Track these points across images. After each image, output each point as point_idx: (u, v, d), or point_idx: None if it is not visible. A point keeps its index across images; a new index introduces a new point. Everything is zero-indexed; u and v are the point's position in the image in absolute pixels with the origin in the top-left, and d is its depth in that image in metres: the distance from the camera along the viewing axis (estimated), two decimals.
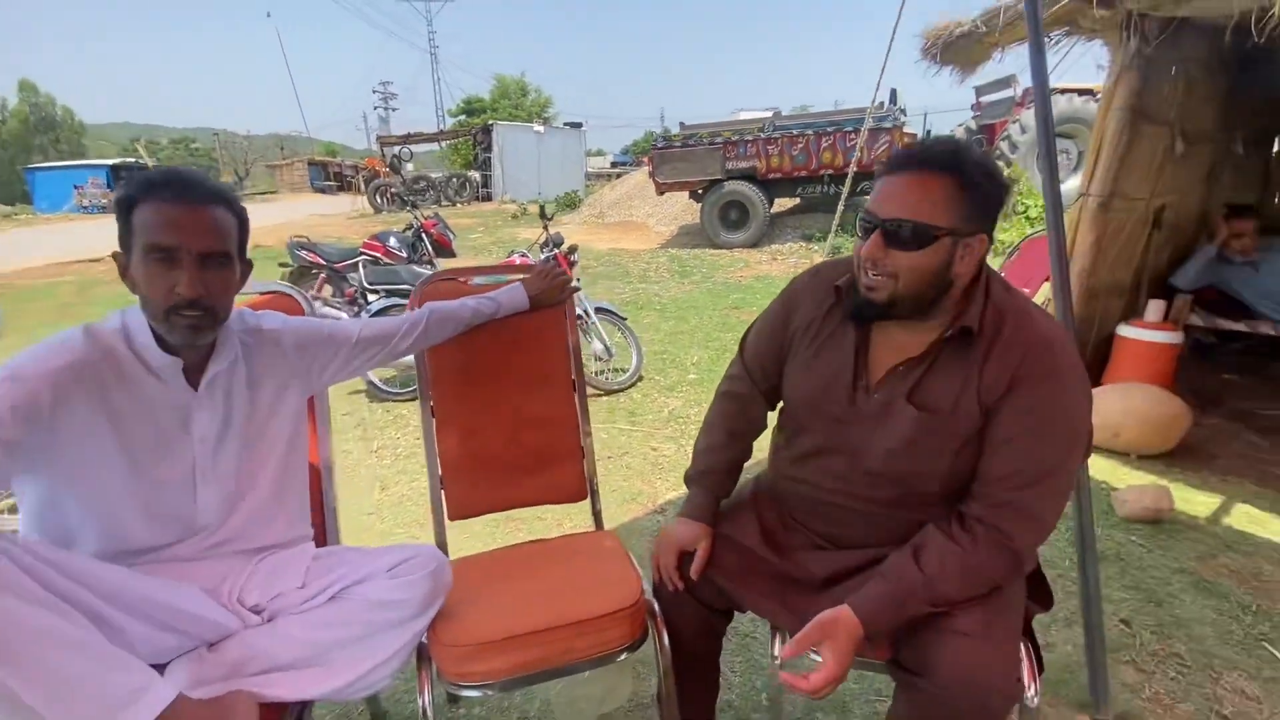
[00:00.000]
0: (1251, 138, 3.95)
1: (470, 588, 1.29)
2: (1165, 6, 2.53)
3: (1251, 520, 2.37)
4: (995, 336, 1.00)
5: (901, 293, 0.99)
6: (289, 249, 5.22)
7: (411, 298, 1.52)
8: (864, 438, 1.07)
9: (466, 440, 1.52)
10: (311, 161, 35.78)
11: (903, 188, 0.97)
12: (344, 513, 2.66)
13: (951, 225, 0.95)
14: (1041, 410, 0.97)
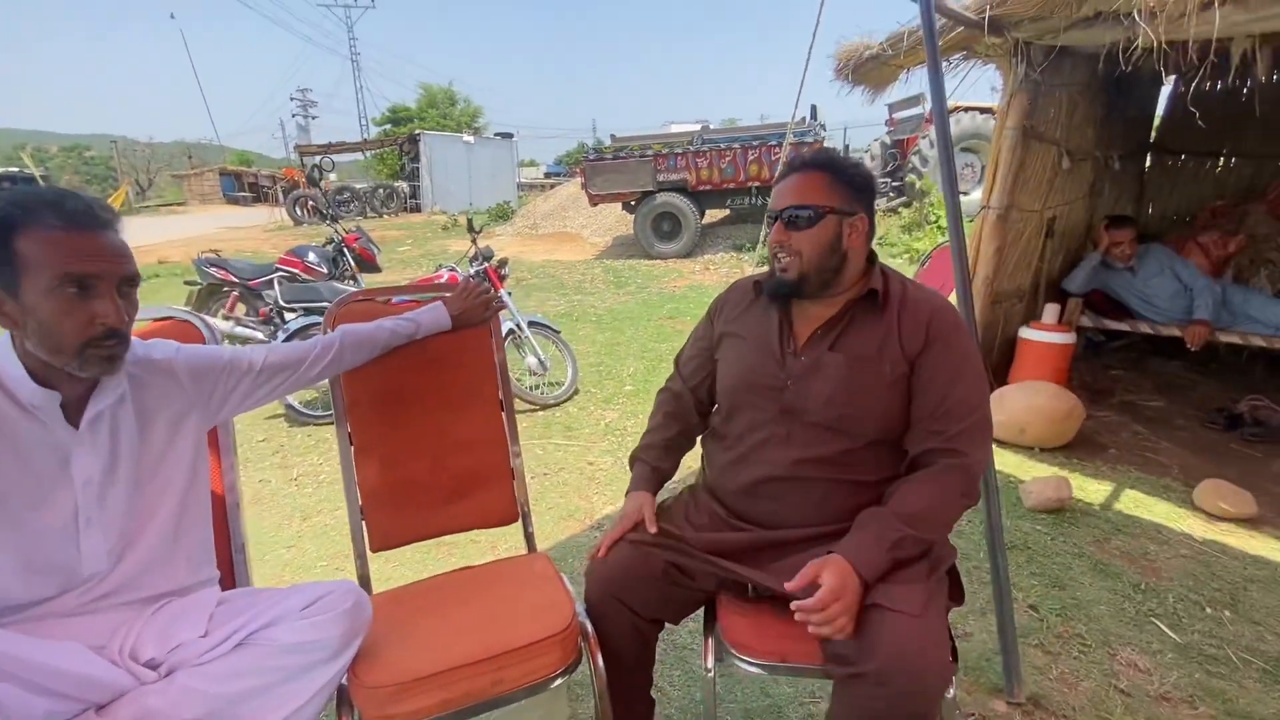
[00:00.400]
0: (1127, 154, 4.36)
1: (394, 623, 1.24)
2: (1047, 36, 2.76)
3: (1138, 504, 2.59)
4: (902, 299, 1.21)
5: (807, 268, 1.19)
6: (196, 265, 4.89)
7: (325, 320, 1.45)
8: (800, 395, 1.21)
9: (388, 467, 1.47)
10: (223, 171, 33.72)
11: (792, 184, 1.22)
12: (261, 547, 2.53)
13: (832, 205, 1.18)
14: (957, 358, 1.17)
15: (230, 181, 32.04)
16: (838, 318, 1.22)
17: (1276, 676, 1.71)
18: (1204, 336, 3.27)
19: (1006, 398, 3.13)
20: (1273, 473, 2.84)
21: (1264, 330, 3.31)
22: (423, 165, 19.56)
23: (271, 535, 2.64)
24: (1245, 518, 2.44)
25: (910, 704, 0.96)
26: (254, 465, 3.34)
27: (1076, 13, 2.51)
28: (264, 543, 2.58)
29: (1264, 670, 1.73)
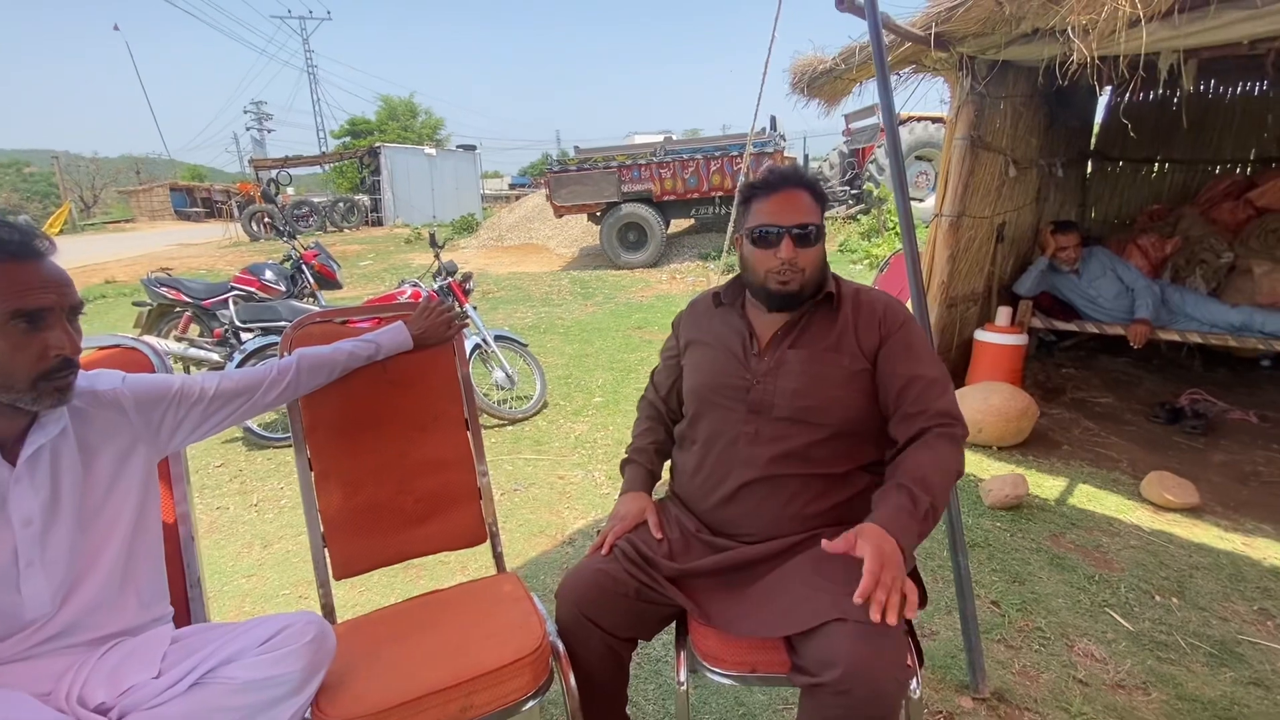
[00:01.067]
0: (1069, 161, 4.57)
1: (359, 652, 1.21)
2: (989, 51, 2.88)
3: (1090, 498, 2.69)
4: (855, 299, 1.31)
5: (808, 281, 1.26)
6: (146, 285, 4.72)
7: (282, 343, 1.42)
8: (767, 392, 1.26)
9: (350, 493, 1.44)
10: (174, 186, 32.66)
11: (792, 201, 1.26)
12: (220, 577, 2.45)
13: (821, 223, 1.28)
14: (914, 343, 1.26)
15: (182, 197, 31.05)
16: (795, 320, 1.30)
17: (1222, 659, 1.79)
18: (1145, 335, 3.43)
19: (964, 398, 3.22)
20: (1213, 463, 2.99)
21: (1200, 327, 3.49)
22: (384, 178, 19.29)
23: (231, 565, 2.55)
24: (1189, 507, 2.56)
25: (869, 710, 0.98)
26: (211, 492, 3.23)
27: (1015, 29, 2.62)
28: (223, 573, 2.49)
29: (1210, 654, 1.81)
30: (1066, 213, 4.74)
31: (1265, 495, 2.70)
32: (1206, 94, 4.64)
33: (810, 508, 1.23)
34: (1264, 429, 3.32)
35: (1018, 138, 3.73)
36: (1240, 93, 4.56)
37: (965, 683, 1.73)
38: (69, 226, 25.42)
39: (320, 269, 4.81)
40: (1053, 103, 4.00)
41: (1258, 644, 1.84)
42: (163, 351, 1.33)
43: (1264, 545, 2.33)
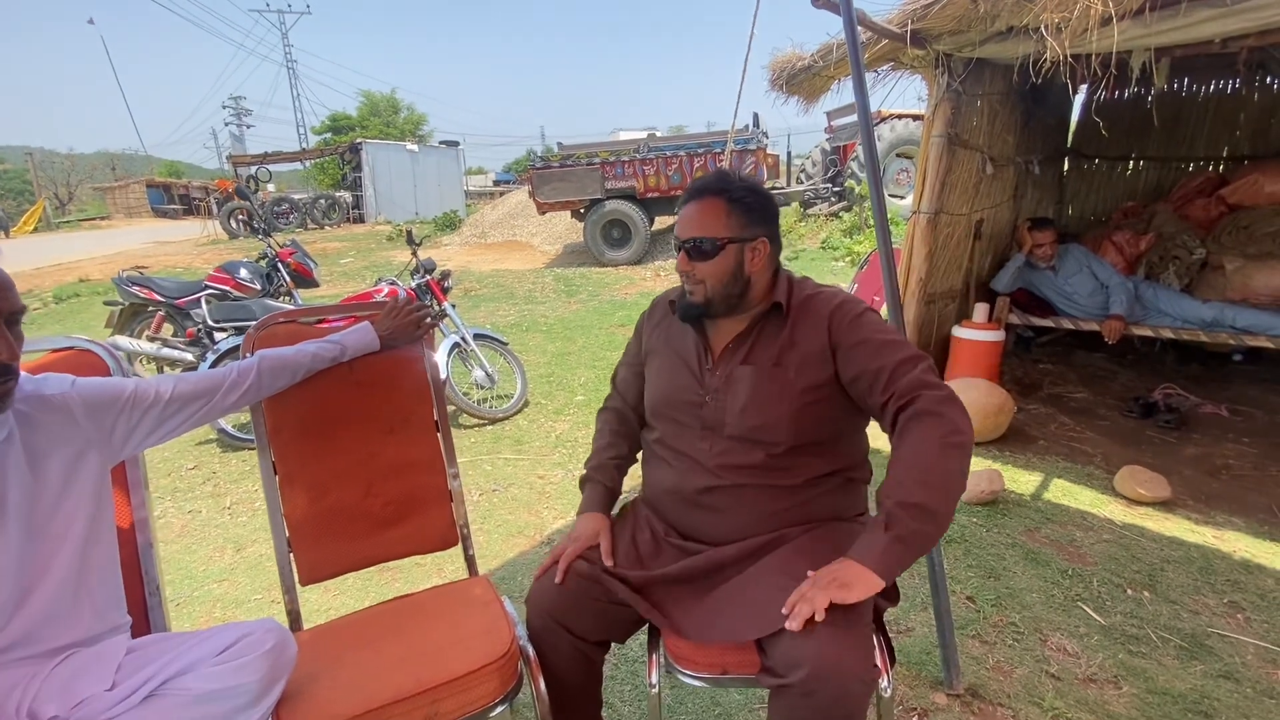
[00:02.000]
0: (1046, 159, 4.61)
1: (323, 660, 1.19)
2: (965, 49, 2.89)
3: (1065, 493, 2.72)
4: (801, 307, 1.25)
5: (712, 294, 1.24)
6: (117, 284, 4.62)
7: (244, 344, 1.39)
8: (718, 409, 1.24)
9: (316, 496, 1.41)
10: (151, 183, 32.02)
11: (691, 213, 1.25)
12: (192, 582, 2.40)
13: (730, 235, 1.22)
14: (870, 333, 1.18)
15: (158, 194, 30.47)
16: (747, 332, 1.27)
17: (1192, 653, 1.81)
18: (1120, 330, 3.47)
19: None
20: (1185, 457, 3.04)
21: (1173, 323, 3.53)
22: (365, 175, 19.06)
23: (202, 569, 2.50)
24: (1160, 501, 2.59)
25: (835, 710, 0.97)
26: (183, 495, 3.17)
27: (990, 27, 2.63)
28: (194, 577, 2.45)
29: (1180, 647, 1.83)
30: (1044, 210, 4.79)
31: (1236, 488, 2.75)
32: (1180, 92, 4.71)
33: (774, 512, 1.22)
34: (1235, 422, 3.38)
35: (995, 135, 3.75)
36: (1213, 91, 4.63)
37: (940, 679, 1.74)
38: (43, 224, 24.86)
39: (297, 267, 4.73)
40: (1029, 100, 4.03)
41: (1227, 637, 1.87)
42: (119, 353, 1.29)
43: (1234, 538, 2.37)
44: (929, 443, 1.04)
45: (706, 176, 1.27)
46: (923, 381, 1.10)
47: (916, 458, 1.04)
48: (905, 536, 1.01)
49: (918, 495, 1.01)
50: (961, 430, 1.06)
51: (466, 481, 3.12)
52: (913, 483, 1.02)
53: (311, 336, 1.43)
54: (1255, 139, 4.53)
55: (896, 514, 1.01)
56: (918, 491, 1.02)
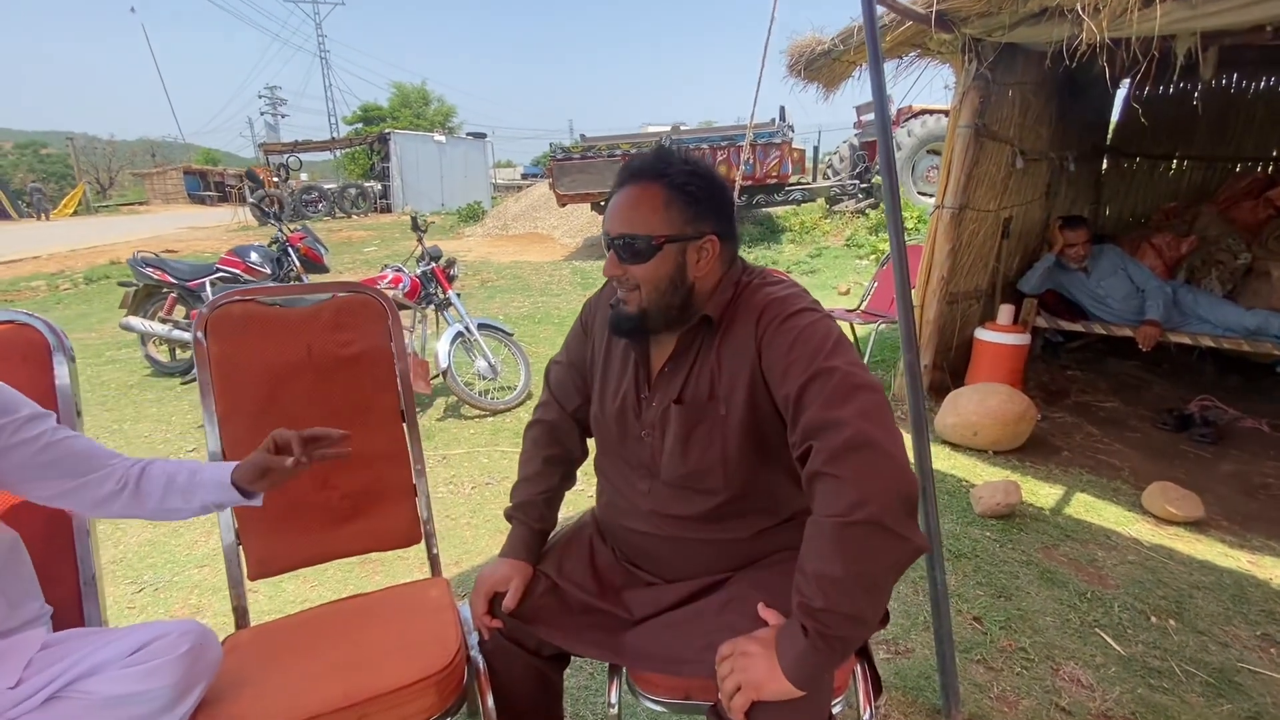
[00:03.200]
0: (1082, 156, 4.37)
1: (255, 663, 1.11)
2: (996, 32, 2.72)
3: (1087, 508, 2.54)
4: (730, 322, 1.00)
5: (648, 304, 1.00)
6: (131, 266, 4.66)
7: (195, 323, 1.31)
8: (653, 451, 1.06)
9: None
10: (188, 170, 32.90)
11: (622, 203, 0.99)
12: (173, 566, 2.36)
13: (671, 233, 0.97)
14: (794, 347, 0.91)
15: (195, 180, 31.26)
16: (679, 353, 1.03)
17: (1220, 690, 1.65)
18: (1155, 337, 3.26)
19: (960, 399, 3.08)
20: (1220, 474, 2.83)
21: (1212, 330, 3.31)
22: (393, 165, 19.25)
23: (185, 554, 2.47)
24: (1192, 521, 2.41)
25: None
26: None
27: (1023, 8, 2.46)
28: (176, 562, 2.41)
29: (1207, 684, 1.67)
30: (1079, 209, 4.56)
31: (1274, 509, 2.54)
32: (1228, 88, 4.43)
33: (721, 564, 1.06)
34: (1276, 439, 3.15)
35: (1026, 128, 3.56)
36: (1264, 87, 4.34)
37: (938, 707, 1.61)
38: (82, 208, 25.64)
39: (306, 252, 4.72)
40: (1065, 93, 3.81)
41: (1259, 673, 1.70)
42: (60, 330, 1.23)
43: (1271, 564, 2.18)
44: (826, 528, 0.80)
45: (641, 155, 1.01)
46: (823, 420, 0.83)
47: (816, 546, 0.81)
48: (820, 645, 0.80)
49: (822, 600, 0.79)
50: (864, 500, 0.77)
51: (460, 473, 3.05)
52: (816, 580, 0.79)
53: (269, 319, 1.36)
54: None
55: (805, 621, 0.80)
56: (823, 595, 0.78)
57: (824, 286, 7.41)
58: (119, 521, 2.74)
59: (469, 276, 8.73)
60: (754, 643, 0.87)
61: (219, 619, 2.05)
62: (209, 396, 1.31)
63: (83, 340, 6.16)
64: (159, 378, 4.73)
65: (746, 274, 1.04)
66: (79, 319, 7.11)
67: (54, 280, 9.72)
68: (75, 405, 1.21)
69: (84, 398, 1.25)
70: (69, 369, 1.21)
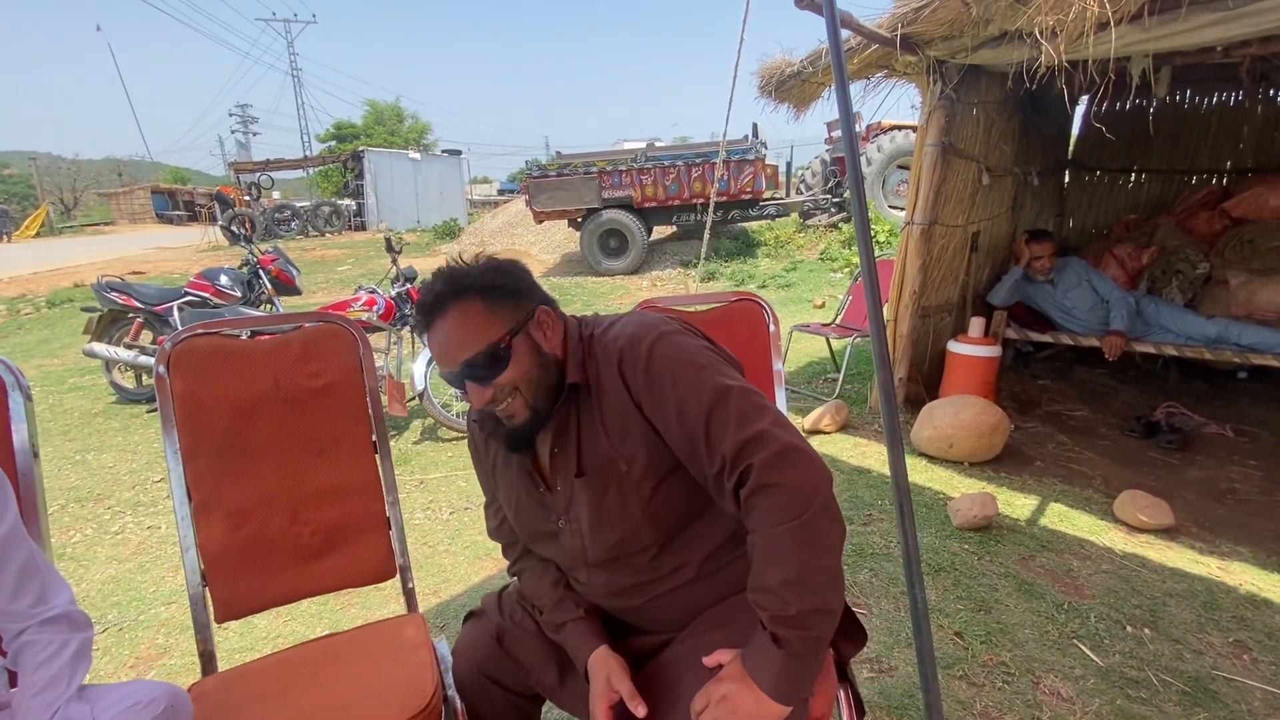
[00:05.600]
0: (1045, 170, 4.50)
1: (225, 714, 1.07)
2: (959, 55, 2.80)
3: (1062, 518, 2.58)
4: (596, 375, 0.97)
5: (534, 400, 0.96)
6: (95, 290, 4.54)
7: (157, 359, 1.28)
8: (574, 536, 1.02)
9: (235, 524, 1.29)
10: (156, 189, 32.24)
11: (445, 336, 0.93)
12: (140, 603, 2.28)
13: (509, 326, 0.94)
14: (671, 383, 0.90)
15: (163, 200, 30.66)
16: (561, 429, 1.00)
17: (1196, 698, 1.67)
18: (1120, 346, 3.35)
19: (935, 411, 3.12)
20: (1188, 480, 2.90)
21: (1175, 339, 3.41)
22: (367, 182, 19.10)
23: (152, 590, 2.38)
24: (1163, 528, 2.45)
25: None
26: (146, 509, 3.06)
27: (984, 32, 2.54)
28: (143, 599, 2.33)
29: (1183, 692, 1.69)
30: (1043, 222, 4.68)
31: (1241, 514, 2.61)
32: (1182, 104, 4.61)
33: (686, 609, 1.03)
34: (1240, 443, 3.24)
35: (991, 145, 3.65)
36: (1216, 102, 4.52)
37: None
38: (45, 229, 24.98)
39: (278, 274, 4.64)
40: (1027, 110, 3.93)
41: (1233, 680, 1.73)
42: (16, 368, 1.18)
43: (1240, 569, 2.23)
44: (779, 537, 0.82)
45: (431, 286, 0.95)
46: (744, 442, 0.85)
47: (774, 557, 0.83)
48: (800, 653, 0.82)
49: (793, 606, 0.81)
50: (807, 501, 0.82)
51: (438, 498, 3.00)
52: (782, 590, 0.81)
53: (234, 351, 1.32)
54: (1259, 152, 4.42)
55: (782, 632, 0.82)
56: (793, 601, 0.81)
57: (800, 300, 7.49)
58: (80, 556, 2.65)
59: None
60: (724, 683, 0.85)
61: (187, 659, 1.98)
62: (172, 433, 1.27)
63: (45, 367, 5.97)
64: (124, 404, 4.60)
65: (584, 326, 1.03)
66: (40, 345, 6.89)
67: (15, 305, 9.43)
68: (32, 446, 1.17)
69: (45, 427, 1.22)
70: (25, 408, 1.17)
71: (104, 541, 2.77)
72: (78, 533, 2.85)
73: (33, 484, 1.16)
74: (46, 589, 0.95)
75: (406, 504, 2.91)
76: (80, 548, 2.72)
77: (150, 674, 1.94)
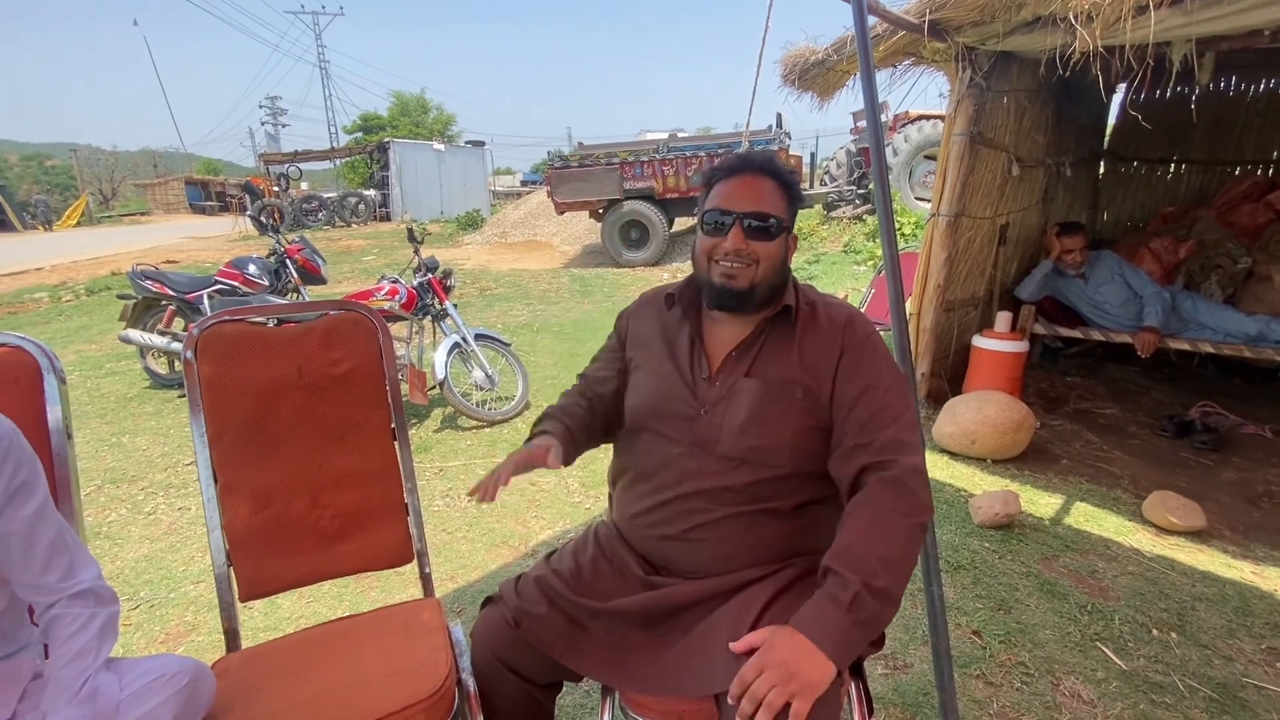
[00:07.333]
0: (1079, 161, 4.37)
1: (245, 689, 1.10)
2: (989, 41, 2.72)
3: (1087, 518, 2.53)
4: (811, 315, 1.13)
5: (760, 279, 1.09)
6: (131, 278, 4.66)
7: (186, 342, 1.31)
8: (713, 425, 1.10)
9: (259, 507, 1.32)
10: (189, 180, 33.00)
11: (751, 187, 1.10)
12: (170, 582, 2.35)
13: (786, 220, 1.12)
14: (872, 364, 1.08)
15: (196, 191, 31.36)
16: (752, 339, 1.13)
17: (1224, 705, 1.63)
18: (1153, 343, 3.25)
19: (958, 407, 3.07)
20: (1222, 481, 2.81)
21: (1213, 336, 3.30)
22: (392, 173, 19.30)
23: (182, 570, 2.46)
24: (1194, 530, 2.39)
25: None
26: (177, 490, 3.15)
27: (1016, 17, 2.46)
28: (173, 578, 2.40)
29: (1210, 699, 1.65)
30: (1076, 214, 4.55)
31: (1278, 517, 2.53)
32: (1226, 91, 4.43)
33: (760, 540, 1.09)
34: (1279, 445, 3.13)
35: (1022, 134, 3.56)
36: (1263, 90, 4.34)
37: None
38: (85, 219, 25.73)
39: (304, 264, 4.72)
40: (1061, 98, 3.81)
41: (1264, 689, 1.68)
42: (52, 352, 1.22)
43: (1275, 575, 2.16)
44: (897, 522, 0.95)
45: (755, 153, 1.16)
46: (900, 442, 1.02)
47: (884, 534, 0.94)
48: (866, 621, 0.89)
49: (884, 579, 0.90)
50: (926, 510, 0.99)
51: (457, 485, 3.04)
52: (879, 563, 0.91)
53: (259, 338, 1.35)
54: None
55: (862, 596, 0.88)
56: (884, 575, 0.91)
57: None
58: (115, 535, 2.74)
59: (467, 285, 8.74)
60: (776, 650, 0.87)
61: (213, 637, 2.04)
62: (199, 415, 1.30)
63: (83, 352, 6.16)
64: (157, 390, 4.73)
65: (794, 281, 1.17)
66: (79, 331, 7.12)
67: (56, 292, 9.73)
68: (66, 427, 1.21)
69: (83, 410, 1.25)
70: (60, 391, 1.21)
71: (137, 521, 2.86)
72: (113, 512, 2.95)
73: (66, 464, 1.20)
74: (74, 564, 0.98)
75: (425, 491, 2.96)
76: (115, 527, 2.82)
77: (179, 649, 2.01)
